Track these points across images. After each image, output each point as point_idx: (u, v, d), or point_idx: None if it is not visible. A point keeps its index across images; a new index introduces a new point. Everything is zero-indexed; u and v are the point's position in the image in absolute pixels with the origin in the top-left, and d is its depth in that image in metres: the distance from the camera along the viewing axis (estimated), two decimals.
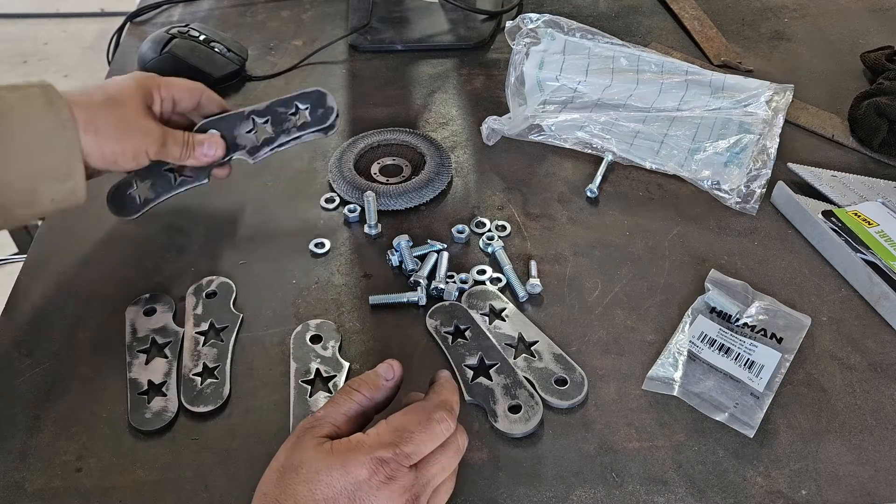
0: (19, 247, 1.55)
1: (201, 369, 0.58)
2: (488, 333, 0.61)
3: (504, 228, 0.71)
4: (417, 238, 0.69)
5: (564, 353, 0.60)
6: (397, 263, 0.67)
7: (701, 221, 0.73)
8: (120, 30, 0.98)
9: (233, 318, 0.62)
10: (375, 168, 0.77)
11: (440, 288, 0.64)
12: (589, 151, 0.80)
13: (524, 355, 0.60)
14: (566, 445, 0.54)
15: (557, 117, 0.81)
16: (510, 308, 0.63)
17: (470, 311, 0.63)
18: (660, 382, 0.58)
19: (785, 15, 1.05)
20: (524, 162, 0.79)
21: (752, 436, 0.54)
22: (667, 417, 0.56)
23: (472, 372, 0.59)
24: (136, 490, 0.51)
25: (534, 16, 0.89)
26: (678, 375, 0.58)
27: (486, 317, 0.63)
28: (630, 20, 1.03)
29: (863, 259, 0.65)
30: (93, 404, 0.56)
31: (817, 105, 0.87)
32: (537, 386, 0.57)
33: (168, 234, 0.70)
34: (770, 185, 0.75)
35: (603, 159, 0.78)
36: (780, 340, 0.61)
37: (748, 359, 0.59)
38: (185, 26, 0.89)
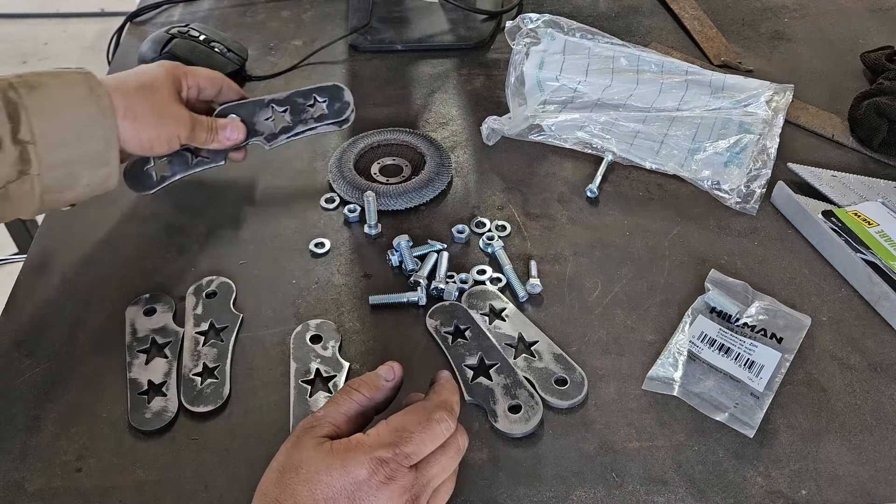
0: (19, 247, 1.55)
1: (201, 369, 0.58)
2: (488, 333, 0.61)
3: (504, 228, 0.71)
4: (417, 238, 0.69)
5: (564, 353, 0.60)
6: (397, 263, 0.67)
7: (701, 221, 0.73)
8: (120, 30, 0.98)
9: (233, 318, 0.62)
10: (375, 168, 0.77)
11: (440, 288, 0.64)
12: (589, 151, 0.80)
13: (524, 355, 0.60)
14: (566, 445, 0.54)
15: (557, 117, 0.81)
16: (510, 308, 0.63)
17: (470, 311, 0.63)
18: (660, 382, 0.58)
19: (785, 15, 1.05)
20: (524, 162, 0.79)
21: (752, 436, 0.54)
22: (667, 417, 0.56)
23: (472, 372, 0.59)
24: (136, 490, 0.51)
25: (534, 16, 0.89)
26: (678, 375, 0.58)
27: (486, 317, 0.63)
28: (630, 20, 1.03)
29: (863, 259, 0.65)
30: (93, 404, 0.56)
31: (817, 105, 0.87)
32: (537, 386, 0.57)
33: (168, 234, 0.70)
34: (770, 185, 0.75)
35: (603, 159, 0.78)
36: (780, 340, 0.61)
37: (748, 359, 0.59)
38: (185, 26, 0.89)
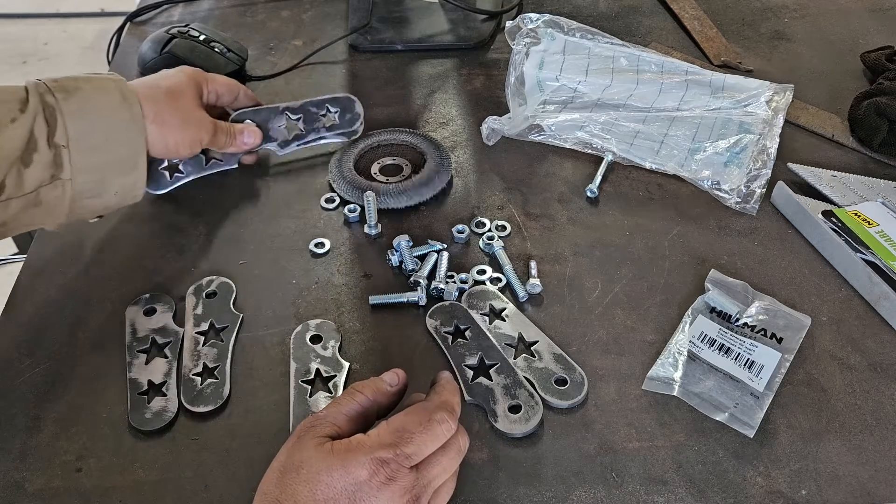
0: (19, 247, 1.55)
1: (201, 369, 0.58)
2: (488, 333, 0.61)
3: (504, 228, 0.71)
4: (417, 238, 0.69)
5: (564, 353, 0.60)
6: (397, 263, 0.67)
7: (701, 221, 0.73)
8: (120, 30, 0.98)
9: (233, 318, 0.62)
10: (375, 168, 0.77)
11: (440, 288, 0.64)
12: (589, 151, 0.80)
13: (524, 355, 0.60)
14: (566, 445, 0.54)
15: (557, 117, 0.81)
16: (510, 308, 0.63)
17: (470, 311, 0.63)
18: (660, 382, 0.58)
19: (785, 15, 1.05)
20: (524, 162, 0.79)
21: (752, 436, 0.54)
22: (667, 417, 0.56)
23: (472, 372, 0.59)
24: (136, 490, 0.51)
25: (534, 16, 0.89)
26: (678, 375, 0.58)
27: (486, 317, 0.63)
28: (630, 20, 1.03)
29: (863, 259, 0.65)
30: (93, 404, 0.56)
31: (817, 105, 0.87)
32: (537, 386, 0.57)
33: (168, 234, 0.70)
34: (770, 185, 0.75)
35: (603, 159, 0.78)
36: (780, 340, 0.61)
37: (748, 359, 0.59)
38: (185, 26, 0.89)
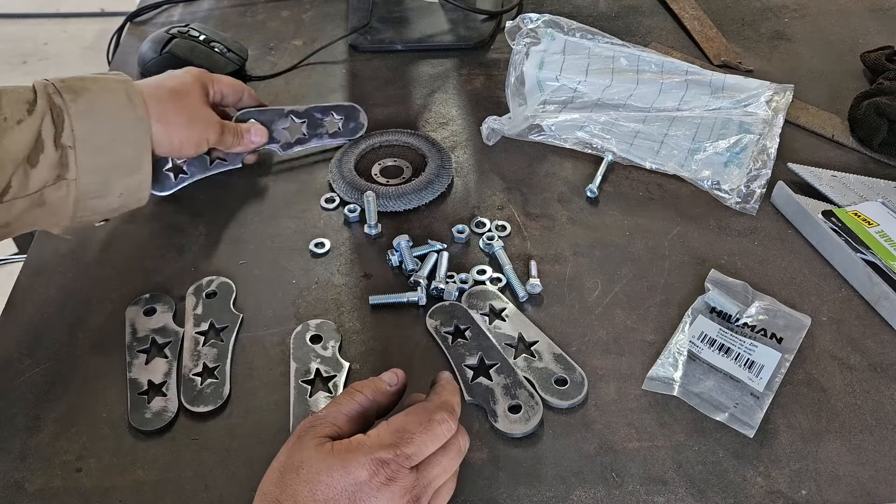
0: (19, 247, 1.55)
1: (201, 369, 0.58)
2: (488, 333, 0.61)
3: (504, 228, 0.71)
4: (417, 238, 0.69)
5: (564, 353, 0.60)
6: (397, 263, 0.67)
7: (701, 221, 0.73)
8: (120, 30, 0.98)
9: (233, 318, 0.62)
10: (376, 169, 0.77)
11: (440, 288, 0.64)
12: (589, 151, 0.80)
13: (524, 355, 0.60)
14: (566, 445, 0.54)
15: (557, 117, 0.81)
16: (510, 308, 0.63)
17: (470, 311, 0.63)
18: (660, 382, 0.58)
19: (785, 15, 1.05)
20: (524, 162, 0.79)
21: (752, 436, 0.54)
22: (667, 417, 0.56)
23: (472, 372, 0.59)
24: (136, 490, 0.51)
25: (534, 16, 0.89)
26: (678, 375, 0.58)
27: (486, 317, 0.63)
28: (630, 20, 1.03)
29: (863, 259, 0.65)
30: (93, 404, 0.56)
31: (817, 105, 0.87)
32: (537, 386, 0.57)
33: (168, 234, 0.70)
34: (770, 185, 0.75)
35: (603, 159, 0.78)
36: (780, 340, 0.61)
37: (748, 359, 0.59)
38: (185, 26, 0.89)
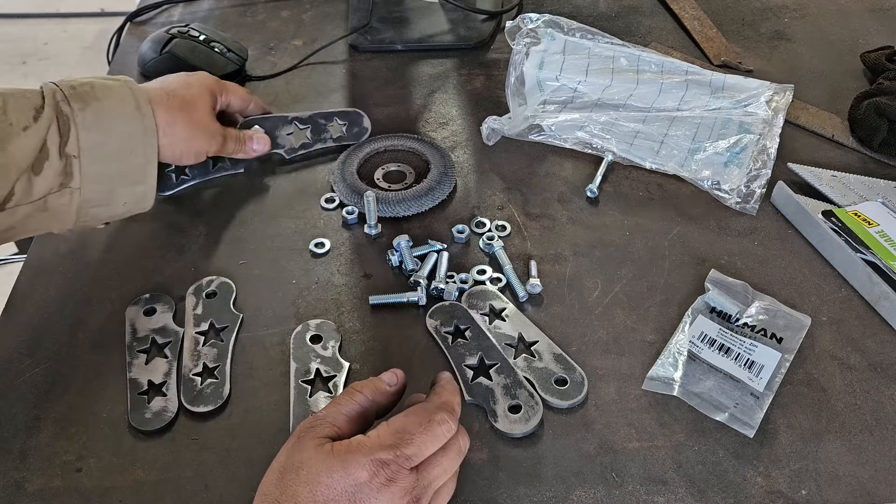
0: (19, 247, 1.55)
1: (201, 369, 0.58)
2: (488, 333, 0.61)
3: (504, 228, 0.71)
4: (417, 238, 0.69)
5: (564, 353, 0.60)
6: (397, 263, 0.67)
7: (701, 221, 0.73)
8: (120, 30, 0.98)
9: (233, 318, 0.62)
10: (379, 173, 0.77)
11: (440, 288, 0.64)
12: (589, 151, 0.80)
13: (524, 355, 0.60)
14: (566, 445, 0.54)
15: (557, 117, 0.81)
16: (510, 308, 0.63)
17: (470, 311, 0.63)
18: (660, 382, 0.58)
19: (785, 15, 1.05)
20: (524, 162, 0.79)
21: (752, 436, 0.54)
22: (667, 417, 0.56)
23: (472, 372, 0.59)
24: (136, 490, 0.51)
25: (534, 16, 0.89)
26: (678, 375, 0.58)
27: (486, 317, 0.63)
28: (630, 20, 1.03)
29: (863, 259, 0.65)
30: (93, 404, 0.56)
31: (817, 105, 0.87)
32: (537, 386, 0.57)
33: (168, 234, 0.70)
34: (770, 185, 0.75)
35: (603, 159, 0.78)
36: (780, 340, 0.61)
37: (748, 359, 0.59)
38: (185, 26, 0.89)
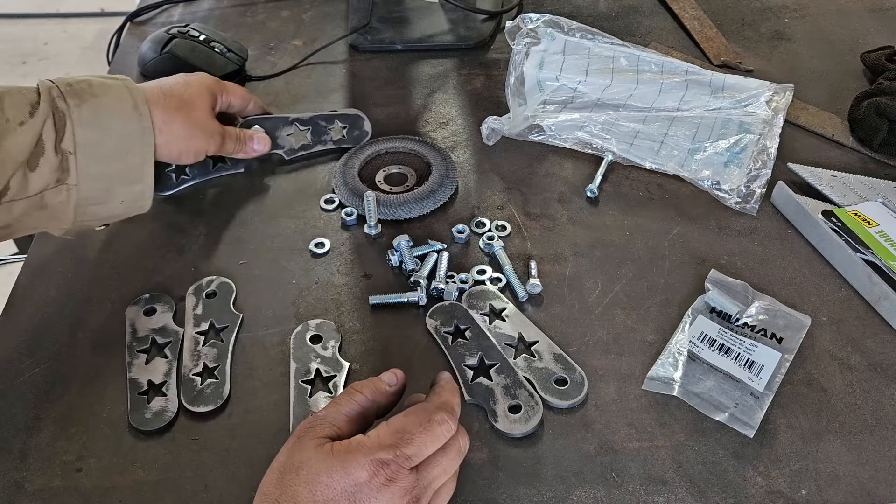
0: (19, 247, 1.55)
1: (201, 369, 0.58)
2: (488, 333, 0.61)
3: (504, 228, 0.71)
4: (417, 238, 0.69)
5: (564, 353, 0.60)
6: (397, 263, 0.67)
7: (701, 221, 0.73)
8: (120, 30, 0.98)
9: (233, 318, 0.62)
10: (381, 175, 0.77)
11: (440, 288, 0.64)
12: (589, 151, 0.80)
13: (524, 355, 0.60)
14: (566, 445, 0.54)
15: (557, 117, 0.81)
16: (510, 308, 0.63)
17: (470, 311, 0.63)
18: (660, 382, 0.58)
19: (785, 15, 1.05)
20: (524, 162, 0.79)
21: (752, 436, 0.54)
22: (667, 417, 0.56)
23: (472, 372, 0.59)
24: (136, 490, 0.51)
25: (534, 16, 0.89)
26: (678, 375, 0.58)
27: (486, 317, 0.63)
28: (630, 20, 1.03)
29: (863, 259, 0.65)
30: (93, 404, 0.56)
31: (817, 105, 0.87)
32: (537, 386, 0.57)
33: (168, 234, 0.70)
34: (770, 185, 0.75)
35: (603, 159, 0.78)
36: (780, 340, 0.61)
37: (748, 359, 0.59)
38: (185, 26, 0.89)
